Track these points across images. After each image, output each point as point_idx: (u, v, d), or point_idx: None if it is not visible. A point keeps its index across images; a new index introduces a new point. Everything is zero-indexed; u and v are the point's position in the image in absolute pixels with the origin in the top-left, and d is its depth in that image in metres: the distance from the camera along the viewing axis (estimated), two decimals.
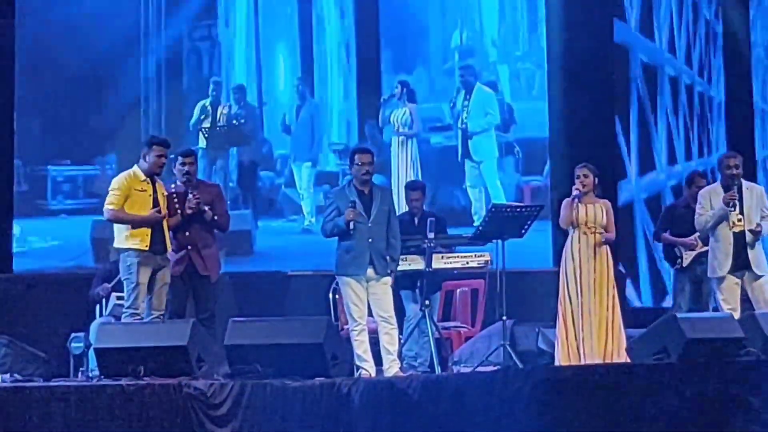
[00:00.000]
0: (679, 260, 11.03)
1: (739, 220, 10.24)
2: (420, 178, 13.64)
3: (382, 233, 9.83)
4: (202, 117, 14.73)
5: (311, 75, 15.08)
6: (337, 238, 9.87)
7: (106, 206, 9.93)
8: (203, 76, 14.99)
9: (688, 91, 15.15)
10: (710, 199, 10.32)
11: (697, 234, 10.81)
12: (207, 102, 14.78)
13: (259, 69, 15.11)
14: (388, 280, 9.85)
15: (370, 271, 9.78)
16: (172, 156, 10.48)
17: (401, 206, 11.75)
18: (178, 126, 14.59)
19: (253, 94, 15.09)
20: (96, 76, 14.24)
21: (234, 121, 14.85)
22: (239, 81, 15.00)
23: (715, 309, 10.56)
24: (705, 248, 10.70)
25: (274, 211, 14.76)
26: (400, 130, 14.38)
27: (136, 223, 9.84)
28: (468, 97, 14.49)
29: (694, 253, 10.98)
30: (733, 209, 10.17)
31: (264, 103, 15.13)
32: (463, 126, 14.35)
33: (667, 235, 11.18)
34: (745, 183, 10.39)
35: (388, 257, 9.84)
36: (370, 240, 9.77)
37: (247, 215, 14.33)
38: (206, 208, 10.21)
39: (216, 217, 10.28)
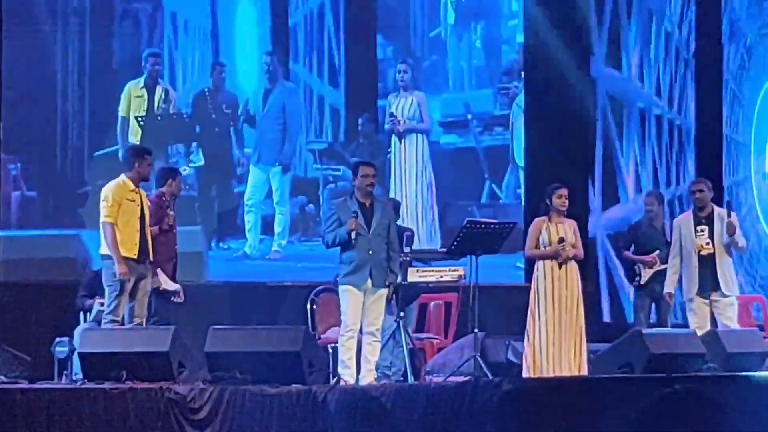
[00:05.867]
0: (638, 278, 11.35)
1: (707, 244, 10.64)
2: (433, 186, 12.22)
3: (382, 246, 9.93)
4: (135, 102, 11.58)
5: (285, 49, 12.00)
6: (338, 249, 9.94)
7: (104, 218, 9.70)
8: (140, 49, 11.82)
9: (657, 122, 14.25)
10: (680, 229, 10.77)
11: (657, 252, 11.27)
12: (140, 82, 11.75)
13: (216, 40, 11.97)
14: (384, 292, 9.97)
15: (368, 282, 9.90)
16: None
17: (408, 220, 11.33)
18: (107, 115, 11.67)
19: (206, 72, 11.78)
20: None
21: (177, 109, 11.79)
22: (189, 54, 11.73)
23: (675, 325, 10.95)
24: (663, 266, 11.13)
25: (234, 227, 12.10)
26: (406, 124, 12.03)
27: (114, 251, 9.59)
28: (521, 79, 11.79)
29: (652, 271, 11.30)
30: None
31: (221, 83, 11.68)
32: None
33: (628, 253, 11.53)
34: (717, 209, 10.79)
35: (387, 269, 9.95)
36: (370, 252, 9.88)
37: (197, 233, 11.48)
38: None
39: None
